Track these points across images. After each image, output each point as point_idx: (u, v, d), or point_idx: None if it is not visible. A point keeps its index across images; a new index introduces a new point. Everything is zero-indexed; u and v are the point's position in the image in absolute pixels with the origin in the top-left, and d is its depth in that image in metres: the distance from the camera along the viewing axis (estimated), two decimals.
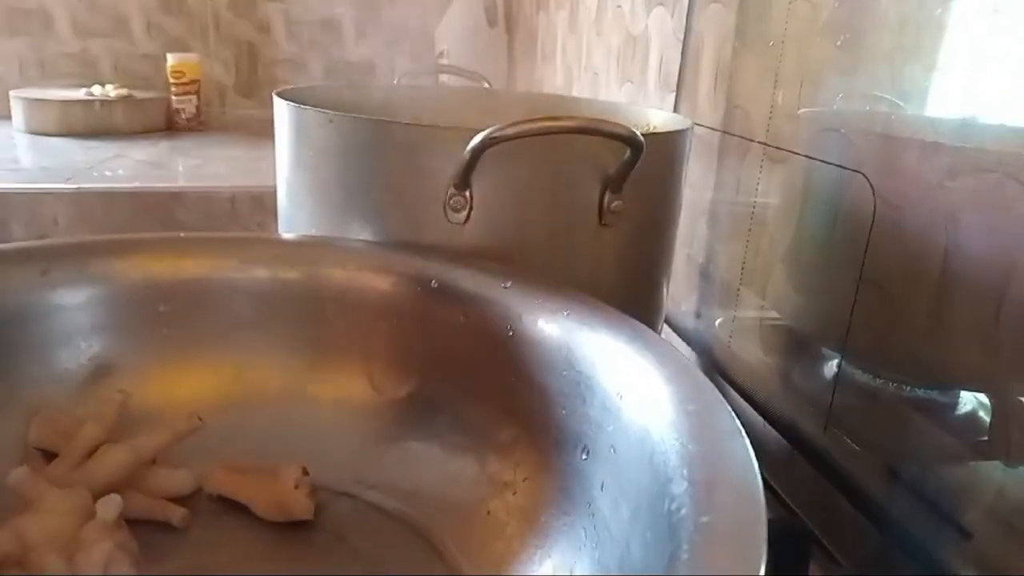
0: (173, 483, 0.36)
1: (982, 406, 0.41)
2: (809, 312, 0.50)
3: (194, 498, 0.36)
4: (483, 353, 0.36)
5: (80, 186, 0.93)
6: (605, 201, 0.41)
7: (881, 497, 0.40)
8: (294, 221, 0.46)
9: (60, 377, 0.38)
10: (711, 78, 0.64)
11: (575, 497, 0.30)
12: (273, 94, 0.46)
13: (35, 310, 0.37)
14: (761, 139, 0.55)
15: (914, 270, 0.39)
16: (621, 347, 0.31)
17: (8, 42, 1.46)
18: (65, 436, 0.35)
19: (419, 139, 0.40)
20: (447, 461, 0.37)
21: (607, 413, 0.30)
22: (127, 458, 0.35)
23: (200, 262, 0.41)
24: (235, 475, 0.36)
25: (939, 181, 0.38)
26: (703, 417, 0.25)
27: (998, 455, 0.37)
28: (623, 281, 0.44)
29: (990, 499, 0.36)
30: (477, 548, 0.33)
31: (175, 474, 0.36)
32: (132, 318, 0.39)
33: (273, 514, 0.35)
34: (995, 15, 0.37)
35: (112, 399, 0.37)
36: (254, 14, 1.55)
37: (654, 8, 0.82)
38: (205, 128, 1.40)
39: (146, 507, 0.35)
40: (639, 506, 0.25)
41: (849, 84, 0.47)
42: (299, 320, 0.41)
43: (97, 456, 0.34)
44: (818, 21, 0.49)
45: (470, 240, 0.40)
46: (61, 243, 0.49)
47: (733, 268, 0.59)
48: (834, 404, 0.44)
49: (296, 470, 0.35)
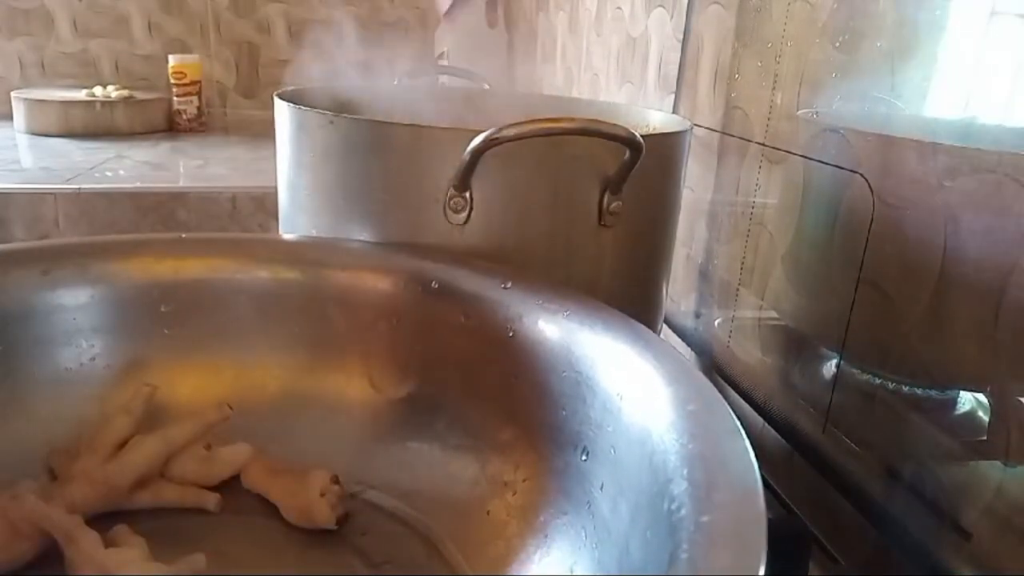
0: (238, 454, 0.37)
1: (981, 406, 0.42)
2: (808, 312, 0.50)
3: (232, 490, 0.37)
4: (483, 353, 0.36)
5: (81, 187, 0.93)
6: (605, 202, 0.41)
7: (880, 497, 0.40)
8: (295, 222, 0.46)
9: (61, 377, 0.38)
10: (710, 79, 0.64)
11: (575, 497, 0.31)
12: (274, 95, 0.46)
13: (36, 310, 0.37)
14: (760, 140, 0.55)
15: (913, 270, 0.39)
16: (621, 348, 0.31)
17: (9, 43, 1.46)
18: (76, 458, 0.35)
19: (419, 140, 0.40)
20: (447, 461, 0.37)
21: (607, 413, 0.30)
22: (158, 449, 0.35)
23: (201, 263, 0.41)
24: (269, 475, 0.36)
25: (938, 182, 0.38)
26: (703, 417, 0.25)
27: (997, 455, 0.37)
28: (623, 281, 0.44)
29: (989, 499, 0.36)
30: (477, 548, 0.33)
31: (235, 447, 0.37)
32: (133, 319, 0.40)
33: (298, 519, 0.35)
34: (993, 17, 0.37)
35: (140, 391, 0.37)
36: (254, 14, 1.56)
37: (654, 9, 0.82)
38: (206, 129, 1.40)
39: (179, 495, 0.35)
40: (639, 506, 0.25)
41: (848, 85, 0.47)
42: (299, 320, 0.41)
43: (129, 448, 0.35)
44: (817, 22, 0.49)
45: (470, 241, 0.40)
46: (62, 244, 0.49)
47: (732, 268, 0.59)
48: (833, 404, 0.45)
49: (323, 478, 0.35)
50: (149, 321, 0.40)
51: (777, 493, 0.43)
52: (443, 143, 0.39)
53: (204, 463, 0.36)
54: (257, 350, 0.41)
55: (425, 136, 0.40)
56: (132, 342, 0.40)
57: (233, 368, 0.40)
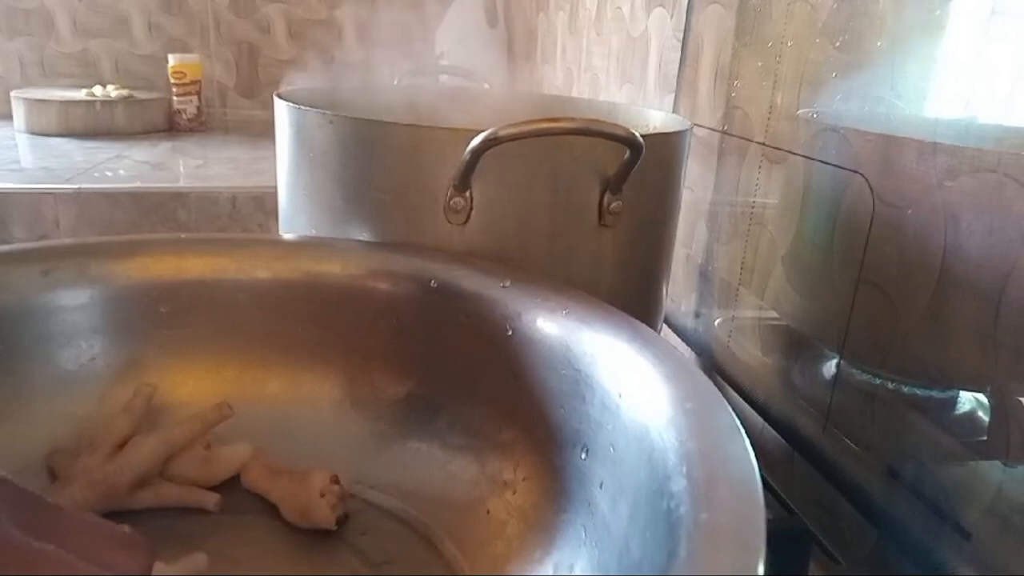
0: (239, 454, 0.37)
1: (981, 406, 0.41)
2: (808, 312, 0.50)
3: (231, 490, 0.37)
4: (483, 353, 0.36)
5: (81, 187, 0.93)
6: (605, 201, 0.41)
7: (880, 497, 0.40)
8: (295, 222, 0.46)
9: (61, 378, 0.38)
10: (710, 79, 0.64)
11: (574, 496, 0.31)
12: (274, 95, 0.46)
13: (36, 311, 0.37)
14: (760, 139, 0.55)
15: (913, 270, 0.39)
16: (621, 346, 0.31)
17: (9, 42, 1.46)
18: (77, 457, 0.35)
19: (419, 140, 0.40)
20: (447, 461, 0.37)
21: (606, 412, 0.30)
22: (158, 449, 0.35)
23: (201, 263, 0.41)
24: (269, 475, 0.36)
25: (938, 181, 0.38)
26: (702, 415, 0.25)
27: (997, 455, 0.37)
28: (623, 281, 0.44)
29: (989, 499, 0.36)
30: (477, 547, 0.33)
31: (235, 446, 0.37)
32: (133, 319, 0.40)
33: (297, 519, 0.35)
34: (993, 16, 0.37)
35: (140, 391, 0.37)
36: (254, 14, 1.56)
37: (654, 9, 0.82)
38: (206, 129, 1.40)
39: (179, 494, 0.35)
40: (638, 504, 0.25)
41: (848, 85, 0.47)
42: (299, 320, 0.41)
43: (129, 448, 0.35)
44: (817, 22, 0.49)
45: (470, 240, 0.40)
46: (62, 244, 0.49)
47: (732, 268, 0.59)
48: (833, 404, 0.45)
49: (323, 478, 0.35)
50: (149, 321, 0.40)
51: (777, 493, 0.43)
52: (443, 143, 0.39)
53: (204, 463, 0.36)
54: (257, 350, 0.41)
55: (425, 136, 0.40)
56: (132, 342, 0.40)
57: (233, 368, 0.40)
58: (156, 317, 0.40)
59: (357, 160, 0.41)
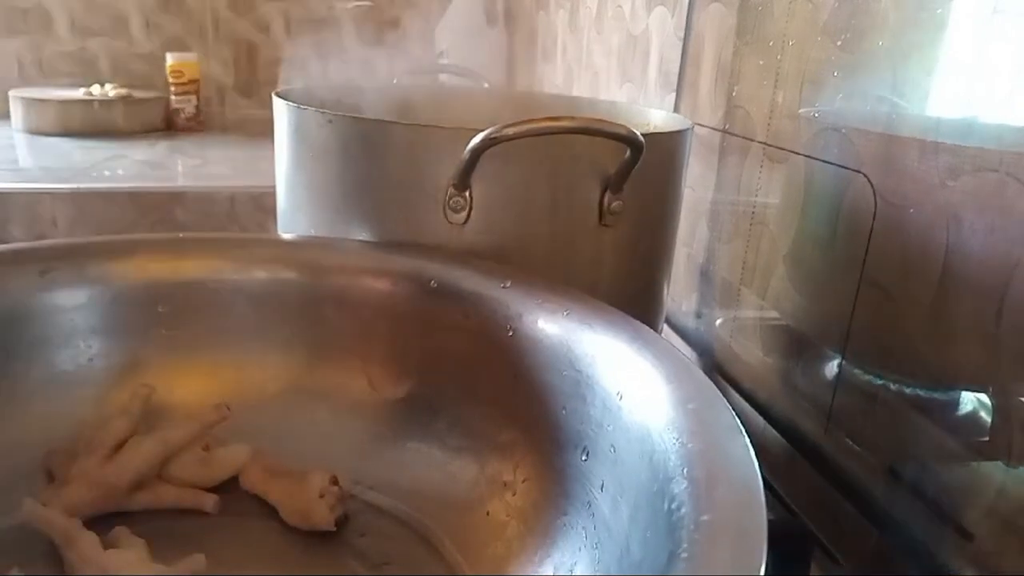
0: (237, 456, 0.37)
1: (983, 406, 0.41)
2: (810, 312, 0.50)
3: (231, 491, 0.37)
4: (483, 353, 0.36)
5: (79, 186, 0.93)
6: (605, 201, 0.41)
7: (881, 497, 0.40)
8: (293, 221, 0.46)
9: (59, 378, 0.38)
10: (711, 78, 0.64)
11: (575, 497, 0.30)
12: (273, 94, 0.46)
13: (34, 311, 0.37)
14: (762, 139, 0.55)
15: (915, 270, 0.39)
16: (621, 347, 0.31)
17: (7, 42, 1.46)
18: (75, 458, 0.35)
19: (419, 139, 0.40)
20: (446, 461, 0.37)
21: (607, 412, 0.30)
22: (157, 450, 0.35)
23: (199, 263, 0.41)
24: (268, 476, 0.36)
25: (940, 181, 0.37)
26: (703, 415, 0.25)
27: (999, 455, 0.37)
28: (623, 281, 0.44)
29: (991, 499, 0.36)
30: (477, 548, 0.33)
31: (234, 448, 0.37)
32: (131, 319, 0.39)
33: (297, 521, 0.35)
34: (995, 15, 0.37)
35: (138, 392, 0.37)
36: (253, 13, 1.55)
37: (655, 7, 0.82)
38: (204, 128, 1.40)
39: (177, 496, 0.35)
40: (639, 505, 0.25)
41: (850, 84, 0.46)
42: (298, 320, 0.41)
43: (127, 449, 0.35)
44: (819, 21, 0.49)
45: (470, 240, 0.40)
46: (60, 244, 0.49)
47: (734, 268, 0.58)
48: (835, 404, 0.44)
49: (323, 479, 0.35)
50: (147, 321, 0.39)
51: (778, 494, 0.43)
52: (443, 143, 0.39)
53: (202, 464, 0.36)
54: (256, 350, 0.40)
55: (425, 136, 0.40)
56: (130, 343, 0.39)
57: (232, 369, 0.40)
58: (154, 317, 0.39)
59: (356, 160, 0.41)
